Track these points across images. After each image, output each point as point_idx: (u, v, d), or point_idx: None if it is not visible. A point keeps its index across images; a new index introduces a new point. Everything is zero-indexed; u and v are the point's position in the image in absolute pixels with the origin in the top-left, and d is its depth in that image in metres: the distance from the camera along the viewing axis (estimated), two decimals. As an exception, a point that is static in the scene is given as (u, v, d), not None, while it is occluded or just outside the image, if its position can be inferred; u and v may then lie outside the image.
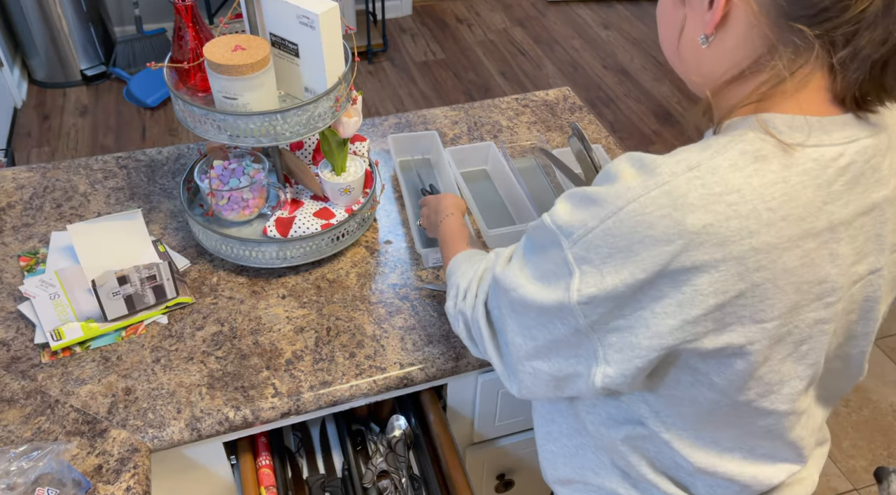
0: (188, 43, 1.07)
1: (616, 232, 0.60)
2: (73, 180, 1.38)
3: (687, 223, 0.58)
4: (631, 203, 0.60)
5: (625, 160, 0.64)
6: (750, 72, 0.64)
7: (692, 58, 0.69)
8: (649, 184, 0.60)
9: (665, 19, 0.71)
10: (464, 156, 1.43)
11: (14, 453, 0.89)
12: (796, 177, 0.60)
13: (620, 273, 0.61)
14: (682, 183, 0.59)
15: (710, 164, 0.59)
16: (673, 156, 0.62)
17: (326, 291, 1.18)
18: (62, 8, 3.17)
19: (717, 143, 0.61)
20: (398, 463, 1.22)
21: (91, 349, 1.08)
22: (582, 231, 0.62)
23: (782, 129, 0.61)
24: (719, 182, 0.58)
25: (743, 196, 0.58)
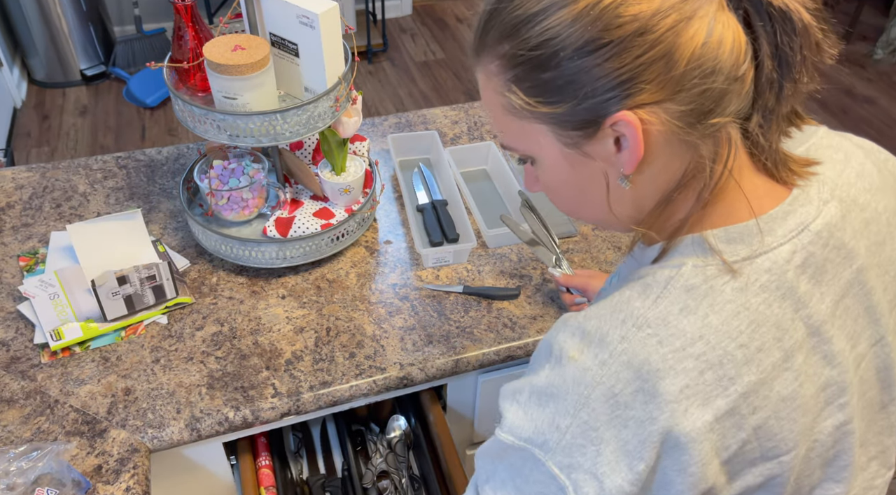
0: (188, 43, 1.07)
1: (595, 423, 0.53)
2: (73, 180, 1.38)
3: (661, 392, 0.52)
4: (597, 387, 0.53)
5: (563, 333, 0.57)
6: (682, 185, 0.58)
7: (625, 207, 0.61)
8: (604, 359, 0.53)
9: (576, 186, 0.61)
10: (464, 156, 1.43)
11: (14, 453, 0.89)
12: (755, 298, 0.54)
13: (619, 470, 0.52)
14: (637, 347, 0.53)
15: (657, 315, 0.54)
16: (613, 312, 0.55)
17: (326, 291, 1.18)
18: (62, 8, 3.17)
19: (655, 284, 0.56)
20: (398, 463, 1.22)
21: (91, 349, 1.08)
22: (556, 435, 0.53)
23: (721, 247, 0.56)
24: (676, 334, 0.53)
25: (708, 343, 0.53)
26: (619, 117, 0.53)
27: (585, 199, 0.62)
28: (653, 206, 0.60)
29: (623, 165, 0.56)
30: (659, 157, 0.56)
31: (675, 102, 0.53)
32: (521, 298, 1.18)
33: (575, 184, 0.61)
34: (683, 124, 0.54)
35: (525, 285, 1.20)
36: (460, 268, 1.23)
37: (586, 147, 0.57)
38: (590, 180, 0.60)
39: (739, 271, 0.55)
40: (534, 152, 0.61)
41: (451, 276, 1.21)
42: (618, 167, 0.57)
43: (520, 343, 1.11)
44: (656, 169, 0.57)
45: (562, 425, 0.53)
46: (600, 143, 0.56)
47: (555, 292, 1.19)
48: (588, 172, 0.59)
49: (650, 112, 0.53)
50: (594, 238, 1.30)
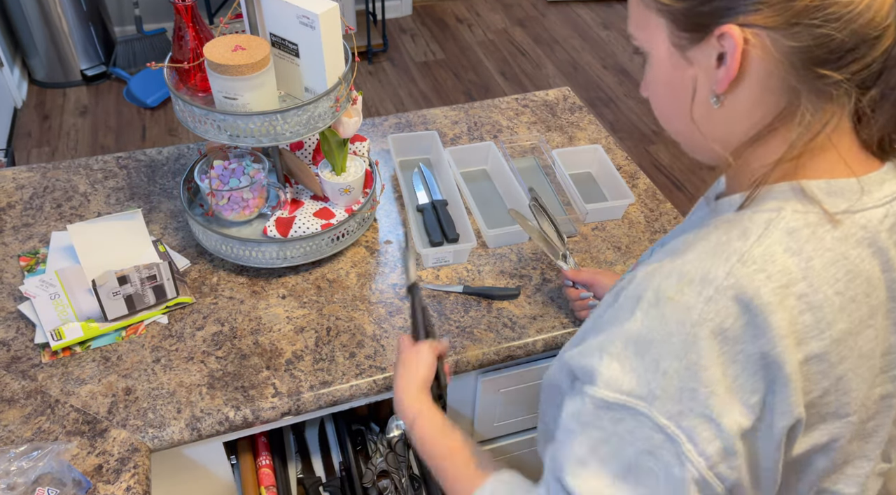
0: (188, 43, 1.07)
1: (704, 362, 0.51)
2: (73, 180, 1.38)
3: (773, 326, 0.51)
4: (704, 324, 0.51)
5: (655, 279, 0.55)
6: (773, 128, 0.57)
7: (709, 123, 0.61)
8: (709, 295, 0.52)
9: (666, 85, 0.62)
10: (464, 156, 1.43)
11: (14, 453, 0.89)
12: (853, 251, 0.55)
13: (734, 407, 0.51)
14: (745, 281, 0.52)
15: (762, 252, 0.53)
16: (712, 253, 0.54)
17: (326, 291, 1.18)
18: (62, 8, 3.17)
19: (753, 225, 0.55)
20: (398, 462, 1.22)
21: (91, 349, 1.08)
22: (662, 381, 0.51)
23: (821, 197, 0.56)
24: (783, 271, 0.52)
25: (811, 284, 0.53)
26: (726, 30, 0.54)
27: (676, 105, 0.62)
28: (743, 140, 0.59)
29: (717, 82, 0.57)
30: (754, 87, 0.56)
31: (786, 36, 0.53)
32: (520, 298, 1.18)
33: (670, 86, 0.62)
34: (788, 63, 0.53)
35: (525, 285, 1.20)
36: (460, 267, 1.23)
37: (690, 51, 0.58)
38: (683, 85, 0.60)
39: (840, 222, 0.55)
40: (648, 44, 0.62)
41: (451, 276, 1.21)
42: (712, 82, 0.57)
43: (520, 343, 1.11)
44: (750, 99, 0.57)
45: (669, 369, 0.51)
46: (704, 52, 0.57)
47: (555, 292, 1.19)
48: (684, 76, 0.60)
49: (757, 35, 0.53)
50: (594, 238, 1.30)
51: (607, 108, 3.36)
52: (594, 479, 0.54)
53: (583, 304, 1.12)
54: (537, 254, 1.26)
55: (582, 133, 1.56)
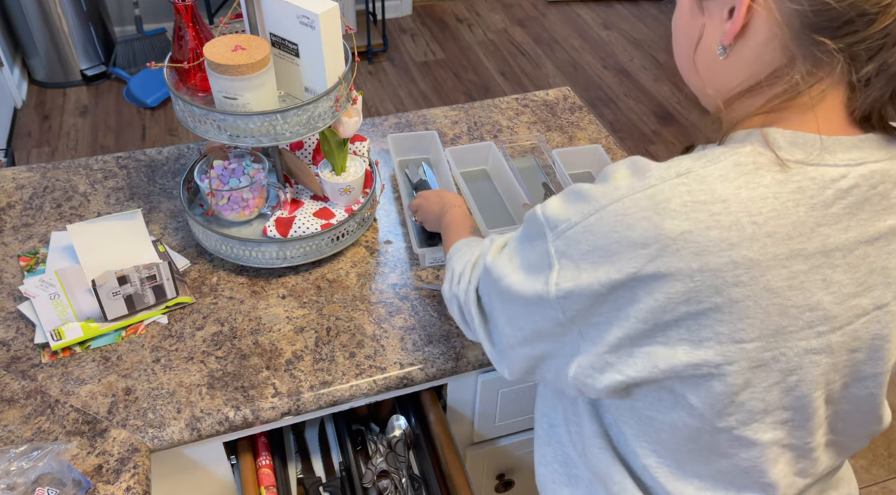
0: (188, 43, 1.07)
1: (596, 229, 0.60)
2: (73, 180, 1.38)
3: (665, 228, 0.57)
4: (615, 203, 0.59)
5: (623, 162, 0.63)
6: (766, 84, 0.61)
7: (708, 69, 0.67)
8: (636, 186, 0.59)
9: (682, 29, 0.68)
10: (464, 156, 1.43)
11: (14, 453, 0.89)
12: (788, 194, 0.58)
13: (596, 271, 0.60)
14: (667, 188, 0.58)
15: (700, 172, 0.58)
16: (668, 161, 0.61)
17: (326, 291, 1.18)
18: (62, 8, 3.17)
19: (712, 153, 0.60)
20: (398, 463, 1.22)
21: (91, 349, 1.08)
22: (565, 225, 0.63)
23: (783, 145, 0.59)
24: (706, 190, 0.57)
25: (728, 207, 0.57)
26: None
27: (685, 49, 0.69)
28: (738, 90, 0.64)
29: (724, 34, 0.62)
30: (756, 44, 0.61)
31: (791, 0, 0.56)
32: (521, 298, 1.18)
33: (685, 31, 0.68)
34: (788, 25, 0.57)
35: (525, 285, 1.20)
36: (460, 267, 1.23)
37: (707, 2, 0.64)
38: (693, 33, 0.66)
39: (786, 169, 0.58)
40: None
41: (451, 276, 1.21)
42: (720, 34, 0.63)
43: (520, 343, 1.11)
44: (750, 54, 0.62)
45: (573, 219, 0.62)
46: (717, 4, 0.62)
47: (555, 292, 1.19)
48: (696, 25, 0.66)
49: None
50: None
51: (607, 108, 3.36)
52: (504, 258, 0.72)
53: None
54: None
55: (582, 133, 1.56)
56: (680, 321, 0.59)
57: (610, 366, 0.64)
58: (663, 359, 0.61)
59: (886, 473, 2.04)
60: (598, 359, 0.64)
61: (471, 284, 0.81)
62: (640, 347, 0.61)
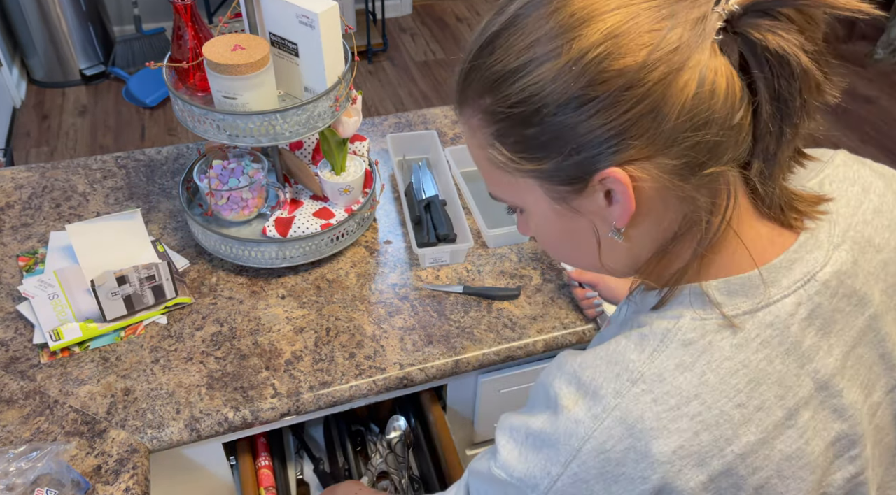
0: (187, 42, 1.07)
1: (585, 476, 0.53)
2: (72, 180, 1.38)
3: (654, 453, 0.51)
4: (587, 441, 0.52)
5: (559, 380, 0.56)
6: (680, 235, 0.55)
7: (611, 256, 0.59)
8: (597, 413, 0.53)
9: (567, 236, 0.60)
10: (464, 156, 1.43)
11: (13, 453, 0.89)
12: (756, 355, 0.53)
13: None
14: (631, 404, 0.52)
15: (652, 371, 0.53)
16: (609, 363, 0.54)
17: (326, 291, 1.18)
18: (61, 7, 3.16)
19: (653, 336, 0.54)
20: (398, 463, 1.21)
21: (90, 349, 1.08)
22: (548, 481, 0.54)
23: (721, 299, 0.54)
24: (671, 392, 0.52)
25: (704, 402, 0.51)
26: (607, 174, 0.51)
27: (578, 251, 0.61)
28: (648, 257, 0.58)
29: (615, 219, 0.54)
30: (652, 211, 0.54)
31: (666, 157, 0.51)
32: (521, 298, 1.18)
33: (566, 237, 0.60)
34: (676, 178, 0.51)
35: (525, 285, 1.20)
36: (460, 268, 1.23)
37: (575, 202, 0.55)
38: (580, 234, 0.58)
39: (740, 326, 0.53)
40: (523, 204, 0.60)
41: (450, 276, 1.21)
42: (610, 221, 0.55)
43: (520, 343, 1.11)
44: (650, 222, 0.55)
45: (553, 473, 0.54)
46: (589, 198, 0.54)
47: (555, 292, 1.19)
48: (578, 226, 0.57)
49: (640, 168, 0.51)
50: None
51: (607, 108, 3.35)
52: None
53: (589, 303, 1.13)
54: (537, 255, 1.26)
55: (582, 133, 1.56)
56: None
57: None
58: None
59: (886, 473, 2.03)
60: None
61: None
62: None
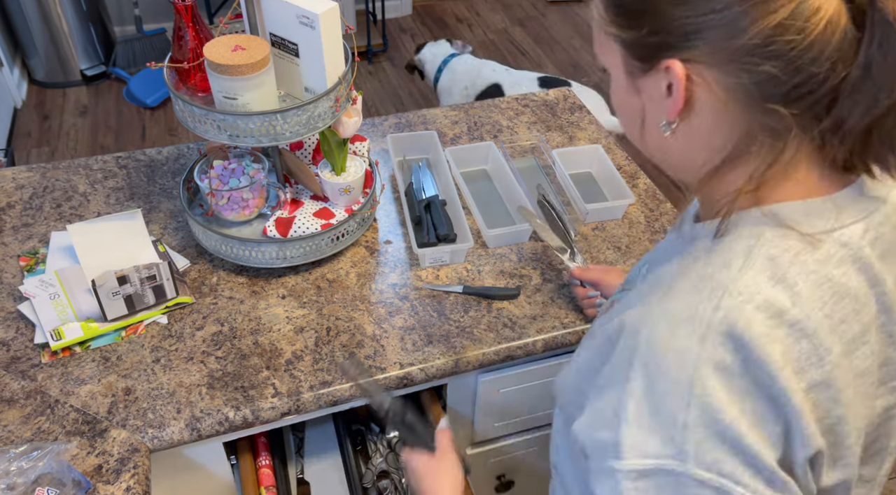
0: (188, 43, 1.07)
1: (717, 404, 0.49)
2: (73, 180, 1.38)
3: (770, 358, 0.50)
4: (705, 362, 0.50)
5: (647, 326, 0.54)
6: (733, 158, 0.56)
7: (660, 148, 0.62)
8: (702, 333, 0.51)
9: (623, 109, 0.63)
10: (464, 156, 1.43)
11: (14, 453, 0.89)
12: (836, 270, 0.54)
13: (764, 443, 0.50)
14: (735, 315, 0.51)
15: (747, 283, 0.52)
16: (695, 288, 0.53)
17: (326, 291, 1.18)
18: (62, 8, 3.17)
19: (736, 255, 0.54)
20: (398, 463, 1.22)
21: (91, 349, 1.08)
22: (685, 433, 0.49)
23: (799, 219, 0.55)
24: (769, 301, 0.51)
25: (802, 310, 0.52)
26: (670, 64, 0.54)
27: (629, 125, 0.63)
28: (703, 171, 0.59)
29: (666, 110, 0.57)
30: (705, 119, 0.56)
31: (727, 73, 0.52)
32: (520, 298, 1.18)
33: (625, 108, 0.62)
34: (734, 98, 0.53)
35: (525, 285, 1.20)
36: (460, 267, 1.23)
37: (640, 80, 0.58)
38: (634, 111, 0.61)
39: (821, 243, 0.54)
40: (608, 65, 0.62)
41: (450, 276, 1.21)
42: (662, 110, 0.57)
43: (520, 343, 1.11)
44: (703, 129, 0.57)
45: (688, 421, 0.49)
46: (653, 81, 0.57)
47: (555, 292, 1.19)
48: (634, 104, 0.60)
49: (700, 72, 0.53)
50: (594, 238, 1.30)
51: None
52: None
53: (591, 302, 1.13)
54: (537, 254, 1.26)
55: (582, 133, 1.56)
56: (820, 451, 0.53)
57: None
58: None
59: (886, 473, 2.04)
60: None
61: None
62: None
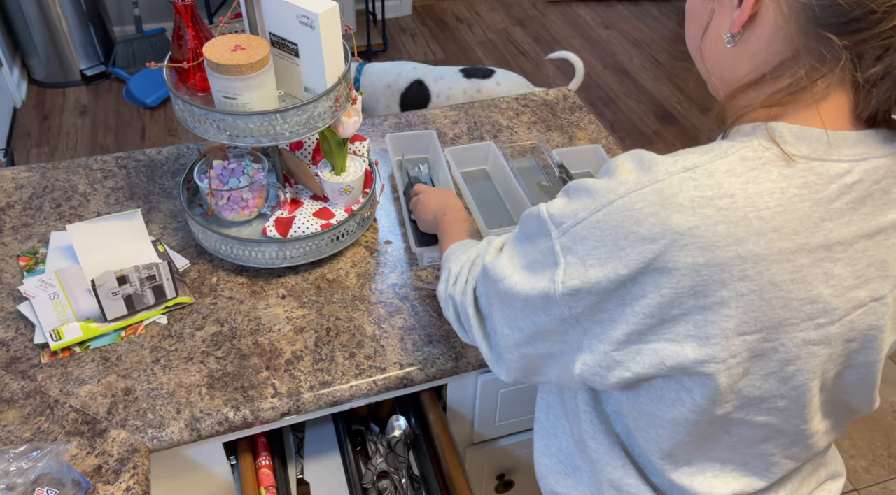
0: (188, 43, 1.07)
1: (604, 225, 0.60)
2: (73, 180, 1.38)
3: (673, 223, 0.57)
4: (622, 197, 0.59)
5: (627, 156, 0.63)
6: (771, 77, 0.62)
7: (714, 57, 0.67)
8: (643, 181, 0.59)
9: (693, 13, 0.69)
10: (464, 156, 1.43)
11: (14, 453, 0.89)
12: (794, 189, 0.58)
13: (604, 267, 0.60)
14: (675, 182, 0.58)
15: (707, 167, 0.59)
16: (674, 155, 0.61)
17: (326, 291, 1.18)
18: (62, 8, 3.17)
19: (719, 148, 0.60)
20: (398, 463, 1.22)
21: (91, 349, 1.08)
22: (571, 222, 0.62)
23: (789, 139, 0.60)
24: (713, 185, 0.58)
25: (735, 202, 0.57)
26: None
27: (692, 31, 0.69)
28: (743, 82, 0.64)
29: (733, 22, 0.62)
30: (763, 35, 0.61)
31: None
32: (521, 298, 1.18)
33: (697, 14, 0.68)
34: (795, 17, 0.58)
35: (525, 285, 1.20)
36: (460, 268, 1.23)
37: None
38: (701, 16, 0.67)
39: (792, 164, 0.59)
40: None
41: (451, 276, 1.21)
42: (730, 21, 0.63)
43: (520, 343, 1.11)
44: (757, 45, 0.62)
45: (580, 216, 0.62)
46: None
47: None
48: (704, 9, 0.66)
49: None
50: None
51: (607, 108, 3.36)
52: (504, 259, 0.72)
53: None
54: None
55: (582, 133, 1.56)
56: (687, 315, 0.59)
57: (618, 364, 0.64)
58: (671, 356, 0.61)
59: (887, 473, 2.04)
60: (604, 358, 0.64)
61: (468, 285, 0.81)
62: (647, 344, 0.62)
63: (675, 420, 0.66)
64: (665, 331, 0.61)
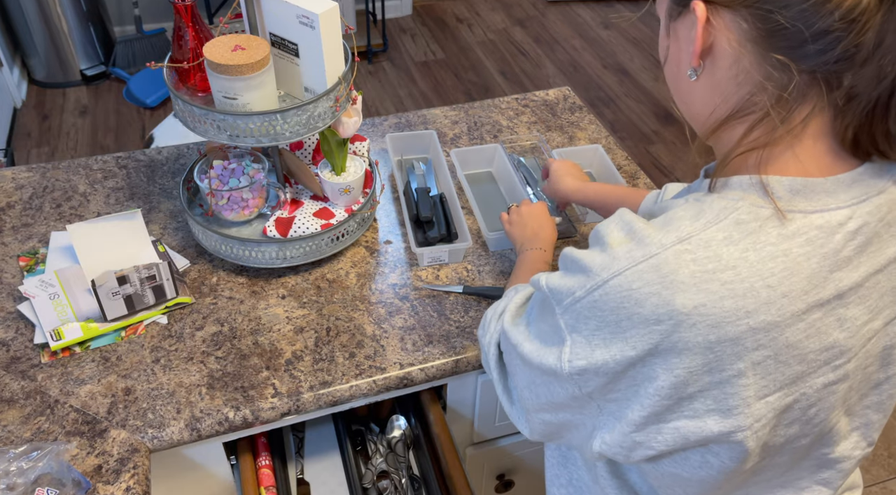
0: (188, 43, 1.07)
1: (603, 306, 0.57)
2: (73, 180, 1.38)
3: (677, 303, 0.54)
4: (616, 276, 0.57)
5: (614, 223, 0.61)
6: (742, 111, 0.59)
7: (685, 95, 0.65)
8: (636, 256, 0.56)
9: (663, 54, 0.66)
10: (469, 157, 1.43)
11: (14, 453, 0.89)
12: (798, 249, 0.55)
13: (609, 348, 0.58)
14: (671, 257, 0.55)
15: (702, 236, 0.56)
16: (664, 222, 0.58)
17: (326, 291, 1.18)
18: (62, 8, 3.17)
19: (711, 211, 0.57)
20: (398, 463, 1.22)
21: (91, 349, 1.08)
22: (570, 300, 0.60)
23: (782, 194, 0.57)
24: (712, 257, 0.55)
25: (738, 274, 0.54)
26: (694, 4, 0.57)
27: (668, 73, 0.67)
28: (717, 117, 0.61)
29: (691, 54, 0.60)
30: (723, 66, 0.58)
31: (741, 17, 0.54)
32: (521, 298, 1.18)
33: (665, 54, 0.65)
34: (747, 45, 0.55)
35: (525, 285, 1.20)
36: (460, 267, 1.23)
37: (676, 23, 0.62)
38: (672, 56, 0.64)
39: (791, 220, 0.56)
40: (659, 14, 0.65)
41: (450, 276, 1.21)
42: (689, 55, 0.60)
43: (520, 343, 1.11)
44: (718, 77, 0.59)
45: (577, 294, 0.60)
46: (684, 25, 0.60)
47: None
48: (673, 48, 0.64)
49: (720, 15, 0.56)
50: (594, 238, 1.30)
51: (607, 108, 3.36)
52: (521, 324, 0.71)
53: None
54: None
55: (582, 133, 1.56)
56: (704, 392, 0.57)
57: (639, 444, 0.62)
58: (694, 432, 0.59)
59: (886, 473, 2.04)
60: (624, 439, 0.62)
61: (492, 337, 0.79)
62: (667, 423, 0.59)
63: (702, 479, 0.64)
64: (684, 409, 0.58)
